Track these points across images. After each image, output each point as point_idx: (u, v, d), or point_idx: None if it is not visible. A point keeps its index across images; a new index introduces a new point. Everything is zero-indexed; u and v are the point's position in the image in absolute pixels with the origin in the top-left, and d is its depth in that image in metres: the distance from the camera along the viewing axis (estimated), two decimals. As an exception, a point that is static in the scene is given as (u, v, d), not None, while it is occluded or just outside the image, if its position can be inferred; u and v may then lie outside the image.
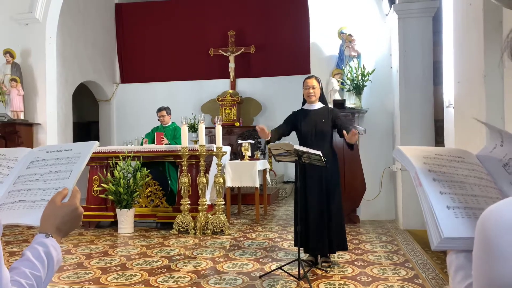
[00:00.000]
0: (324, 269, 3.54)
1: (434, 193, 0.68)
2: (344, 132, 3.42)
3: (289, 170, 9.36)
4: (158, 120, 6.35)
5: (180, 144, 5.44)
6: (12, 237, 5.08)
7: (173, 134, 6.19)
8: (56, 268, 0.88)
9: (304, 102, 3.83)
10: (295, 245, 3.80)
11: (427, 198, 0.67)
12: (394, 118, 5.81)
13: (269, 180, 6.95)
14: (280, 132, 3.74)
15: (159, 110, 6.30)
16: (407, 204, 5.24)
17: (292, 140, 3.69)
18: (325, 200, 3.55)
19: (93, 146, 1.02)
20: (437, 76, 5.40)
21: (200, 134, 5.14)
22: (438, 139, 5.42)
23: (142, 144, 6.16)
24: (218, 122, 5.05)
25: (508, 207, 0.50)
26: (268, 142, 3.66)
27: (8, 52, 6.82)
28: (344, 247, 3.68)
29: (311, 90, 3.68)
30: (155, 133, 6.11)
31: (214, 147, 5.14)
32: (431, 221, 0.65)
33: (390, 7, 5.58)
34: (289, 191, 8.69)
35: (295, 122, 3.73)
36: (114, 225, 5.55)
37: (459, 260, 0.66)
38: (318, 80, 3.74)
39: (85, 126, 11.82)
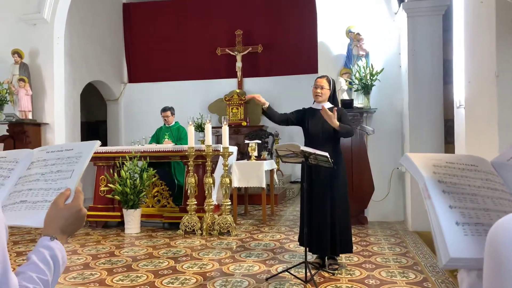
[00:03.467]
0: (331, 271, 3.49)
1: (443, 208, 0.64)
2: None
3: (296, 170, 9.30)
4: (164, 120, 6.34)
5: (186, 144, 5.42)
6: (20, 237, 5.10)
7: (178, 135, 6.18)
8: (62, 270, 0.88)
9: (314, 101, 3.78)
10: (300, 244, 3.75)
11: (435, 213, 0.63)
12: (403, 118, 5.73)
13: (277, 180, 6.90)
14: (285, 117, 3.71)
15: (164, 110, 6.29)
16: (416, 205, 5.17)
17: (298, 141, 3.65)
18: (331, 201, 3.50)
19: (95, 146, 1.00)
20: (447, 75, 5.31)
21: (207, 134, 5.12)
22: (449, 139, 5.33)
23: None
24: (225, 122, 5.02)
25: None
26: (266, 114, 3.63)
27: (17, 52, 6.85)
28: (348, 250, 3.62)
29: (319, 90, 3.62)
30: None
31: (220, 147, 5.12)
32: (439, 238, 0.61)
33: (399, 6, 5.50)
34: (296, 191, 8.64)
35: (303, 118, 3.68)
36: (121, 225, 5.55)
37: (471, 279, 0.62)
38: (329, 81, 3.67)
39: (93, 125, 11.87)
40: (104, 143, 10.31)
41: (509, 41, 1.98)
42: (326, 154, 3.10)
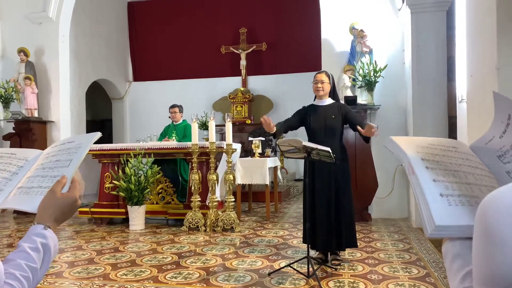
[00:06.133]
0: (334, 267, 3.50)
1: (427, 181, 0.67)
2: (359, 128, 3.35)
3: (300, 167, 9.30)
4: (169, 117, 6.38)
5: (190, 142, 5.44)
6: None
7: (183, 133, 6.22)
8: (52, 259, 0.88)
9: (315, 97, 3.79)
10: (304, 241, 3.76)
11: (420, 186, 0.66)
12: (407, 115, 5.72)
13: (280, 177, 6.91)
14: (288, 124, 3.70)
15: (172, 106, 6.35)
16: (420, 202, 5.15)
17: (301, 136, 3.65)
18: (334, 197, 3.50)
19: (94, 137, 1.01)
20: (451, 72, 5.29)
21: (210, 131, 5.14)
22: (453, 136, 5.31)
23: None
24: (228, 119, 5.04)
25: (509, 192, 0.47)
26: (274, 135, 3.62)
27: (22, 51, 6.92)
28: (353, 245, 3.63)
29: (319, 85, 3.63)
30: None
31: (224, 144, 5.13)
32: (424, 209, 0.64)
33: (403, 2, 5.48)
34: (300, 188, 8.64)
35: (305, 117, 3.68)
36: (126, 221, 5.59)
37: (455, 248, 0.65)
38: (328, 76, 3.68)
39: (99, 124, 11.95)
40: (110, 141, 10.38)
41: (510, 33, 1.97)
42: (328, 149, 3.10)
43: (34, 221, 0.88)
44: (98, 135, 1.02)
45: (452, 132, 5.35)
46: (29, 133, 6.72)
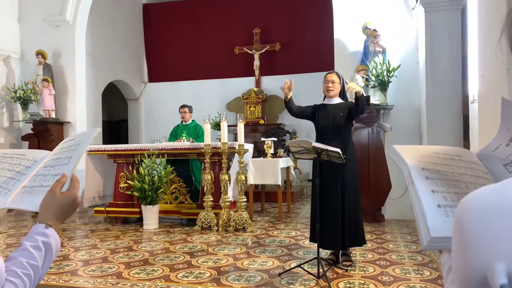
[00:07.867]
0: (345, 268, 3.49)
1: (426, 192, 0.66)
2: (355, 98, 3.44)
3: (314, 167, 9.27)
4: (181, 118, 6.45)
5: (203, 142, 5.51)
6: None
7: (195, 133, 6.29)
8: (54, 258, 0.90)
9: (324, 98, 3.81)
10: (311, 240, 3.77)
11: (418, 197, 0.65)
12: (421, 115, 5.66)
13: (294, 176, 6.90)
14: (300, 110, 3.80)
15: (182, 106, 6.45)
16: (434, 203, 5.08)
17: (314, 138, 3.66)
18: (341, 196, 3.50)
19: (93, 133, 1.03)
20: (466, 71, 5.21)
21: (223, 131, 5.18)
22: (468, 135, 5.23)
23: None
24: (240, 120, 5.07)
25: (482, 194, 0.49)
26: (286, 104, 3.72)
27: (40, 53, 7.08)
28: (358, 244, 3.61)
29: (330, 85, 3.65)
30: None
31: (236, 145, 5.17)
32: (421, 220, 0.64)
33: (417, 1, 5.42)
34: (314, 189, 8.61)
35: (314, 113, 3.72)
36: (140, 221, 5.67)
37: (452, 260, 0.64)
38: (338, 76, 3.70)
39: (115, 124, 12.13)
40: (125, 142, 10.55)
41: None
42: (338, 150, 3.10)
43: (36, 220, 0.91)
44: (97, 131, 1.05)
45: (467, 132, 5.27)
46: (47, 133, 6.88)
